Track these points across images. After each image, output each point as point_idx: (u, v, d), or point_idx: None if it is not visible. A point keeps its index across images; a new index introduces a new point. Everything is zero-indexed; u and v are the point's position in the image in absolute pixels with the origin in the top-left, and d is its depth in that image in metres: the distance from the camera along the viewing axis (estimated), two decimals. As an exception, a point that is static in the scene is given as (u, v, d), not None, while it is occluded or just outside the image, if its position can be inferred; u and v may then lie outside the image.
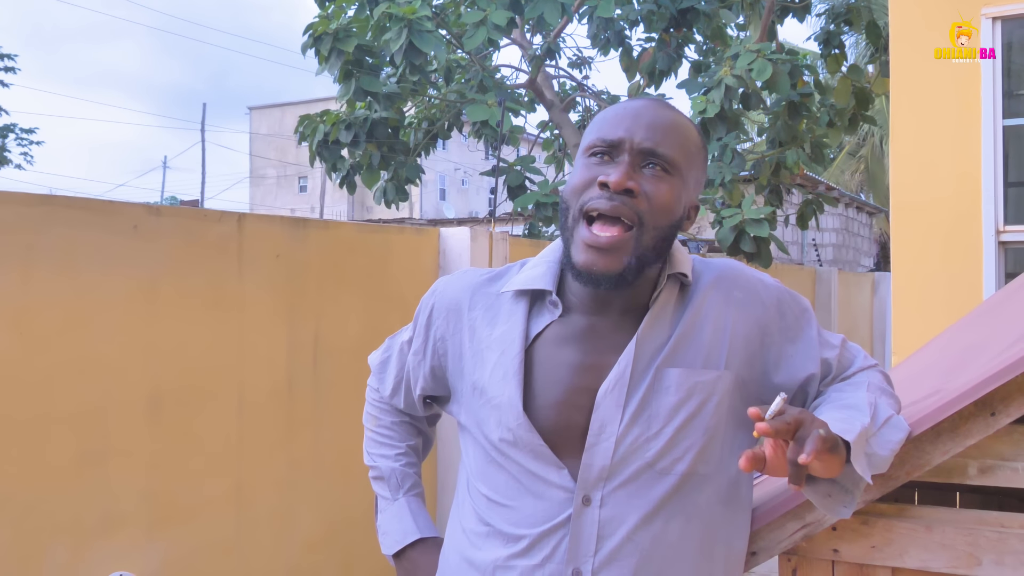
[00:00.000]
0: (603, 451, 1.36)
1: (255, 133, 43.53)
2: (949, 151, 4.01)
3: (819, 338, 1.48)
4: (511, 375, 1.42)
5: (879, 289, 12.38)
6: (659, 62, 8.25)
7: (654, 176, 1.36)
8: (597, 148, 1.39)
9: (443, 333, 1.56)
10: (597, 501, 1.36)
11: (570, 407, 1.39)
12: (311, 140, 8.26)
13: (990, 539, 1.48)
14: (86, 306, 2.88)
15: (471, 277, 1.57)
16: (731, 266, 1.50)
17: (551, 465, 1.39)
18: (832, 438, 1.21)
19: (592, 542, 1.36)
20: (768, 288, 1.48)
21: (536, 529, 1.39)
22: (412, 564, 1.66)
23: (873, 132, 20.42)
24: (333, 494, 3.77)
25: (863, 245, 19.07)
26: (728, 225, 6.79)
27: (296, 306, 3.68)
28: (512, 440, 1.41)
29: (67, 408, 2.82)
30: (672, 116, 1.41)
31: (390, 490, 1.72)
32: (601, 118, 1.43)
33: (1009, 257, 3.98)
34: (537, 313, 1.46)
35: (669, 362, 1.39)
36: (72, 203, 2.87)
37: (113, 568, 2.91)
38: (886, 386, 1.47)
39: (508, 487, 1.43)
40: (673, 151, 1.37)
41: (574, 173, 1.41)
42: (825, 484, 1.33)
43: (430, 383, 1.62)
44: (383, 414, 1.77)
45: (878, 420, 1.35)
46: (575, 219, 1.38)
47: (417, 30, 7.12)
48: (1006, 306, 2.26)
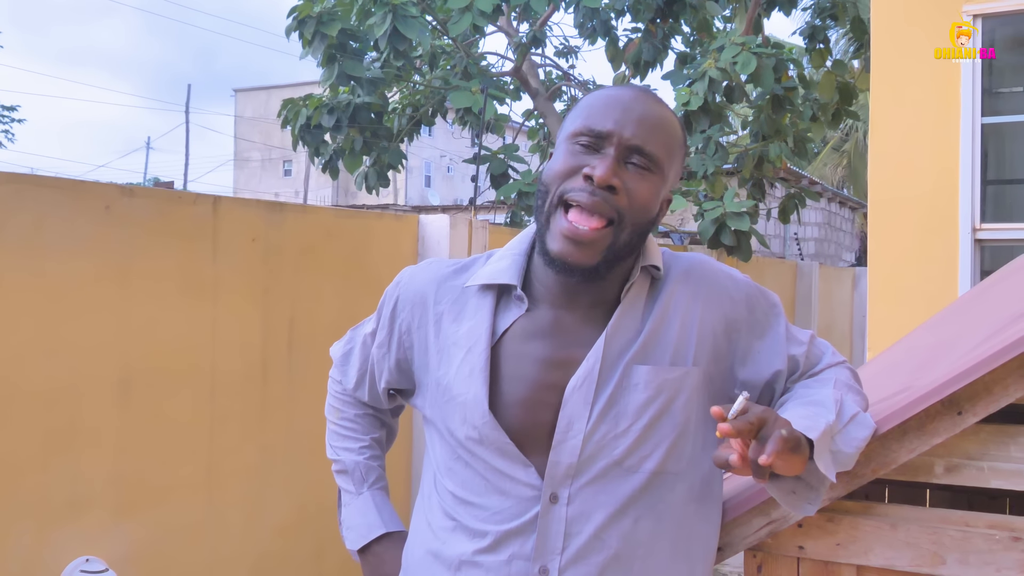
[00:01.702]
0: (570, 448, 1.35)
1: (240, 116, 43.30)
2: (928, 148, 4.02)
3: (787, 334, 1.47)
4: (477, 372, 1.40)
5: (859, 284, 12.42)
6: (645, 53, 8.24)
7: (637, 173, 1.35)
8: (582, 138, 1.36)
9: (409, 325, 1.53)
10: (564, 499, 1.35)
11: (537, 404, 1.38)
12: (294, 124, 8.20)
13: (954, 538, 1.48)
14: (56, 286, 2.84)
15: (437, 268, 1.54)
16: (700, 260, 1.49)
17: (518, 463, 1.37)
18: (794, 437, 1.20)
19: (559, 540, 1.35)
20: (737, 283, 1.47)
21: (503, 526, 1.38)
22: (378, 559, 1.64)
23: (856, 127, 20.48)
24: (305, 479, 3.75)
25: (845, 239, 19.15)
26: (709, 218, 6.80)
27: (271, 290, 3.65)
28: (478, 438, 1.39)
29: (34, 389, 2.78)
30: (660, 111, 1.40)
31: (354, 484, 1.70)
32: (589, 105, 1.40)
33: (985, 255, 3.99)
34: (504, 308, 1.44)
35: (638, 359, 1.37)
36: (42, 182, 2.83)
37: (79, 552, 2.88)
38: (853, 383, 1.46)
39: (475, 484, 1.41)
40: (658, 149, 1.36)
41: (556, 157, 1.39)
42: (789, 481, 1.32)
43: (395, 376, 1.60)
44: (346, 407, 1.75)
45: (843, 417, 1.34)
46: (553, 205, 1.37)
47: (402, 15, 7.08)
48: (976, 305, 2.26)
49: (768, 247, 7.61)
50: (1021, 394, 1.43)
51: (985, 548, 1.46)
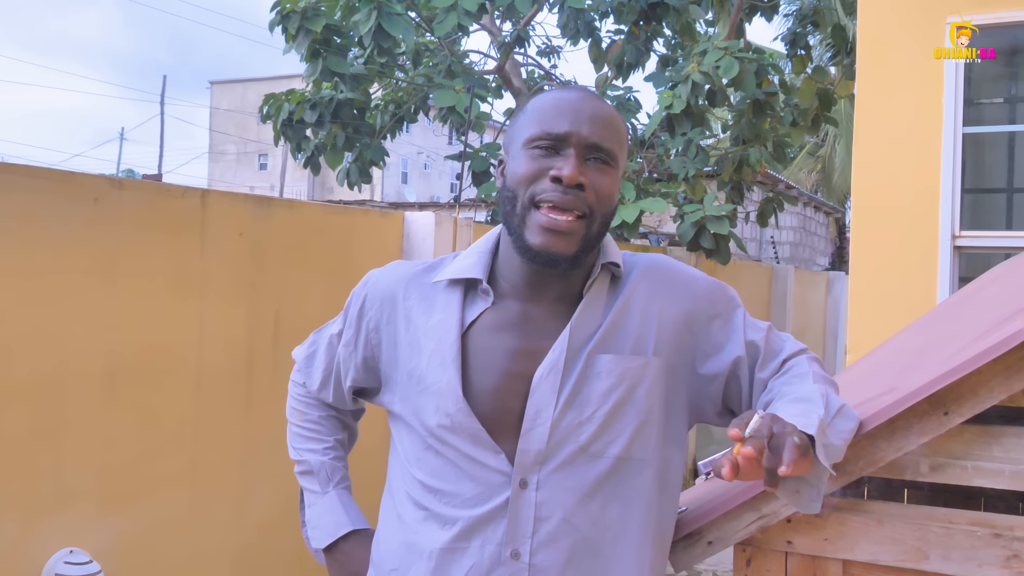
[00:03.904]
0: (538, 435, 1.40)
1: (216, 108, 43.01)
2: (910, 156, 4.08)
3: (745, 323, 1.53)
4: (449, 362, 1.45)
5: (833, 288, 12.57)
6: (627, 55, 8.28)
7: (598, 169, 1.43)
8: (541, 142, 1.42)
9: (377, 323, 1.58)
10: (534, 484, 1.40)
11: (506, 392, 1.43)
12: (275, 119, 8.18)
13: (938, 534, 1.52)
14: (43, 277, 2.83)
15: (404, 268, 1.61)
16: (659, 259, 1.56)
17: (488, 449, 1.42)
18: (805, 444, 1.23)
19: (529, 524, 1.40)
20: (695, 279, 1.55)
21: (473, 511, 1.42)
22: (345, 556, 1.67)
23: (831, 133, 20.67)
24: (289, 474, 3.72)
25: (819, 244, 19.31)
26: (689, 221, 6.85)
27: (258, 285, 3.66)
28: (450, 425, 1.44)
29: (20, 381, 2.78)
30: (606, 108, 1.47)
31: (319, 483, 1.73)
32: (539, 109, 1.46)
33: (963, 262, 4.07)
34: (471, 301, 1.50)
35: (600, 348, 1.43)
36: (32, 172, 2.83)
37: (63, 544, 2.88)
38: (826, 374, 1.50)
39: (445, 472, 1.45)
40: (613, 144, 1.44)
41: (518, 164, 1.44)
42: (793, 481, 1.36)
43: (361, 374, 1.63)
44: (310, 408, 1.78)
45: (831, 411, 1.38)
46: (525, 207, 1.42)
47: (387, 12, 7.09)
48: (960, 309, 2.31)
49: (745, 251, 7.68)
50: (1005, 396, 1.47)
51: (967, 544, 1.50)
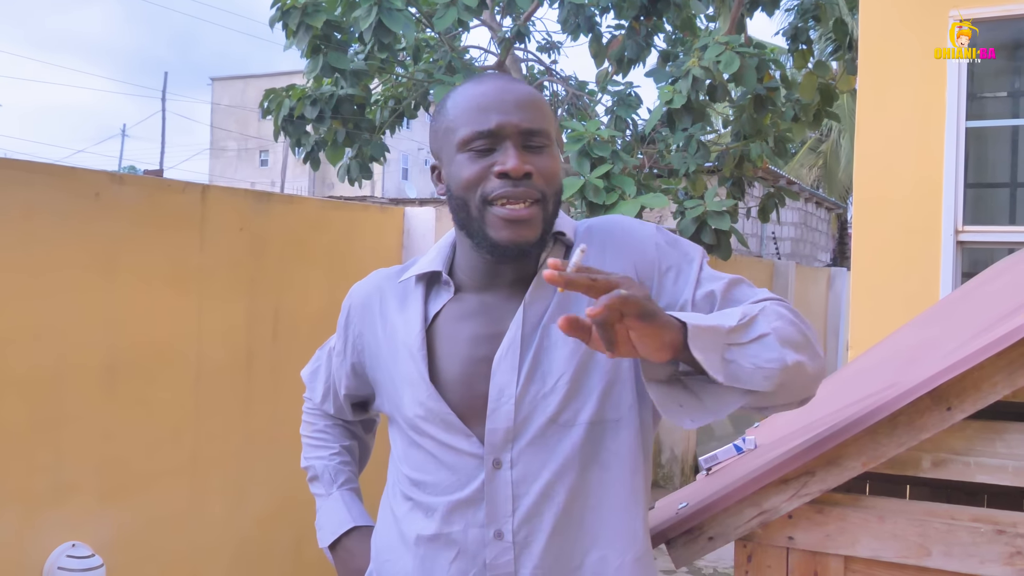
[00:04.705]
0: (504, 414, 1.40)
1: (217, 104, 42.98)
2: (912, 150, 4.07)
3: (701, 274, 1.45)
4: (416, 351, 1.47)
5: (834, 284, 12.57)
6: (628, 50, 8.25)
7: (538, 153, 1.41)
8: (475, 144, 1.40)
9: (360, 330, 1.62)
10: (508, 463, 1.40)
11: (472, 377, 1.44)
12: (276, 115, 8.16)
13: (939, 530, 1.52)
14: (43, 272, 2.83)
15: (381, 274, 1.65)
16: (607, 219, 1.53)
17: (460, 434, 1.43)
18: (638, 303, 1.13)
19: (508, 503, 1.40)
20: (645, 234, 1.49)
21: (451, 497, 1.43)
22: (348, 553, 1.69)
23: (833, 128, 20.63)
24: (287, 469, 3.75)
25: (820, 240, 19.29)
26: (690, 216, 6.83)
27: (257, 280, 3.65)
28: (424, 414, 1.45)
29: (21, 375, 2.78)
30: (527, 90, 1.45)
31: (324, 486, 1.77)
32: (462, 109, 1.43)
33: (966, 257, 4.06)
34: (435, 295, 1.53)
35: (555, 318, 1.42)
36: (33, 167, 2.83)
37: (65, 538, 2.88)
38: (786, 313, 1.38)
39: (426, 464, 1.47)
40: (543, 124, 1.42)
41: (459, 169, 1.42)
42: (678, 393, 1.29)
43: (352, 381, 1.68)
44: (316, 419, 1.84)
45: (749, 333, 1.28)
46: (479, 208, 1.40)
47: (387, 8, 7.06)
48: (962, 304, 2.30)
49: (747, 246, 7.66)
50: (1008, 391, 1.47)
51: (969, 541, 1.50)
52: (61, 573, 2.78)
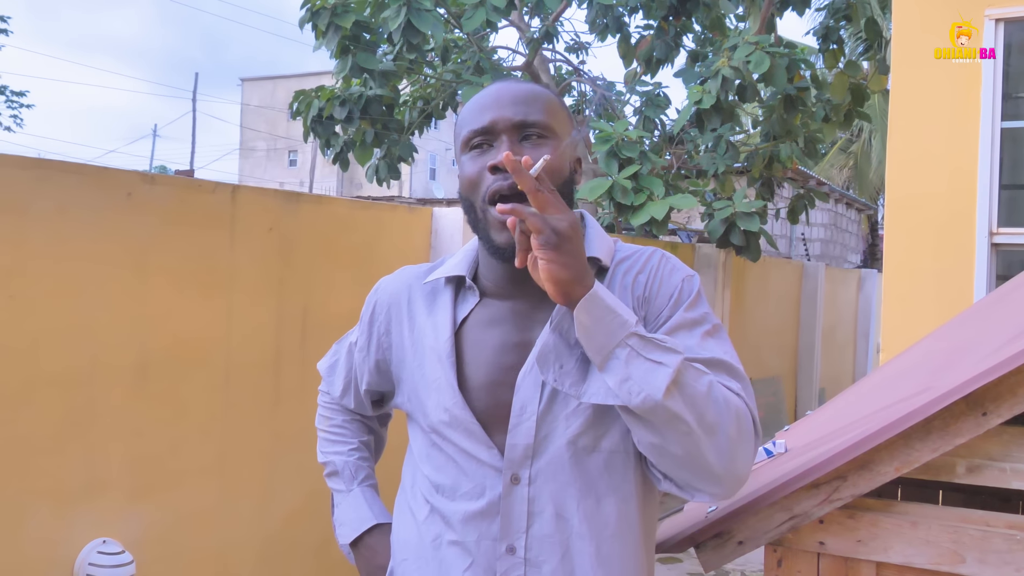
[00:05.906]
0: (525, 430, 1.39)
1: (246, 104, 43.29)
2: (946, 150, 4.02)
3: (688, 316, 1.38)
4: (444, 357, 1.46)
5: (865, 286, 12.43)
6: (657, 50, 8.22)
7: (535, 144, 1.41)
8: (473, 141, 1.43)
9: (386, 327, 1.61)
10: (525, 479, 1.39)
11: (499, 386, 1.43)
12: (305, 115, 8.20)
13: (974, 537, 1.50)
14: (76, 271, 2.86)
15: (409, 272, 1.64)
16: (637, 250, 1.49)
17: (482, 444, 1.42)
18: (557, 228, 1.20)
19: (523, 519, 1.39)
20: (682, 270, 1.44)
21: (471, 506, 1.42)
22: (370, 550, 1.69)
23: (864, 128, 20.44)
24: (314, 468, 3.74)
25: (851, 241, 19.13)
26: (719, 217, 6.80)
27: (286, 280, 3.67)
28: (448, 420, 1.45)
29: (53, 373, 2.81)
30: (528, 87, 1.46)
31: (344, 482, 1.76)
32: (465, 114, 1.47)
33: (1000, 259, 4.00)
34: (462, 300, 1.52)
35: None
36: (66, 168, 2.85)
37: (96, 534, 2.90)
38: (732, 400, 1.29)
39: (447, 468, 1.46)
40: (542, 115, 1.42)
41: (462, 171, 1.46)
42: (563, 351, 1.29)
43: (375, 377, 1.66)
44: (334, 414, 1.82)
45: (659, 356, 1.23)
46: (482, 208, 1.42)
47: (416, 8, 7.08)
48: (997, 308, 2.27)
49: (776, 247, 7.61)
50: (1045, 396, 1.44)
51: (1004, 548, 1.48)
52: (92, 569, 2.81)
